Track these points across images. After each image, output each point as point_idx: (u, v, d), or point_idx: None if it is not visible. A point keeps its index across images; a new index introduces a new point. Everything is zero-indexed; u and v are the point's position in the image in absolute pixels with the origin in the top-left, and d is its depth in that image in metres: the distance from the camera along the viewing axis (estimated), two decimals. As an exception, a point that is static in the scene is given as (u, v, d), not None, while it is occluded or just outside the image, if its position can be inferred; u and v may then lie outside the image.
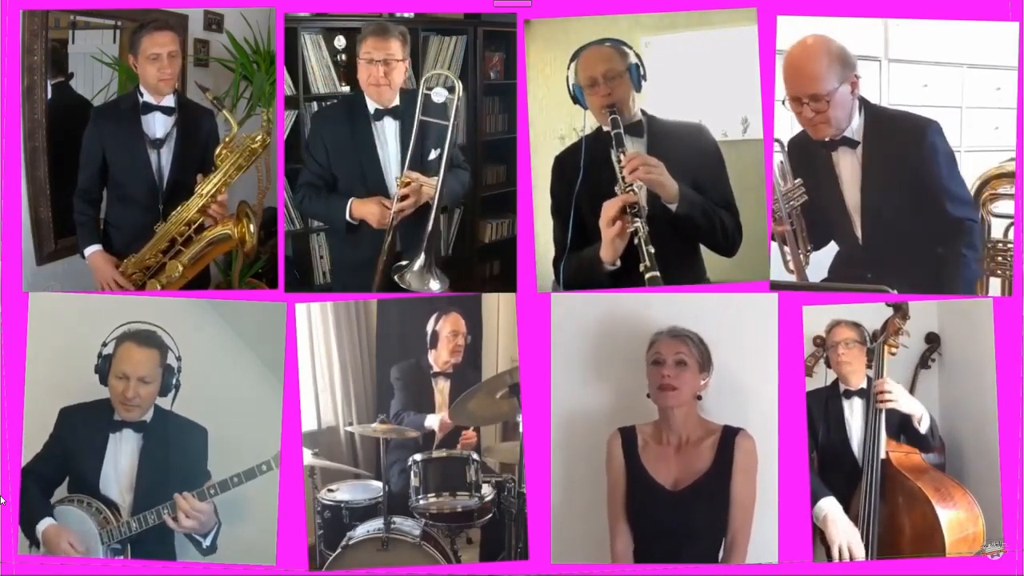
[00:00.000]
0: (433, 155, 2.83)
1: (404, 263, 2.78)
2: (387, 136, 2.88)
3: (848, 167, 2.60)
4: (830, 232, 2.74)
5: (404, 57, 2.85)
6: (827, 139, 2.56)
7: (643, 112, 2.68)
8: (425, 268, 2.75)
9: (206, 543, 2.59)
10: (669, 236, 2.55)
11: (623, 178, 2.50)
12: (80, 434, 2.58)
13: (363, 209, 2.82)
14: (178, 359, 2.59)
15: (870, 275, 2.64)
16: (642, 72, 2.61)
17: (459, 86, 2.80)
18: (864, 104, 2.56)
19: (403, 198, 2.75)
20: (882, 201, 2.58)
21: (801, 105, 2.47)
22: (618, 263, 2.52)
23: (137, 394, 2.55)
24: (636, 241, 2.44)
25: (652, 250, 2.42)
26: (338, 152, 2.87)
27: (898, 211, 2.56)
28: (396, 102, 2.88)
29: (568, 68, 2.63)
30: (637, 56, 2.61)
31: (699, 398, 2.51)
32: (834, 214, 2.67)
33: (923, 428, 2.67)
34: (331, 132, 2.88)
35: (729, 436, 2.49)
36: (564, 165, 2.70)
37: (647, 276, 2.41)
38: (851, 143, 2.55)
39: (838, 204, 2.65)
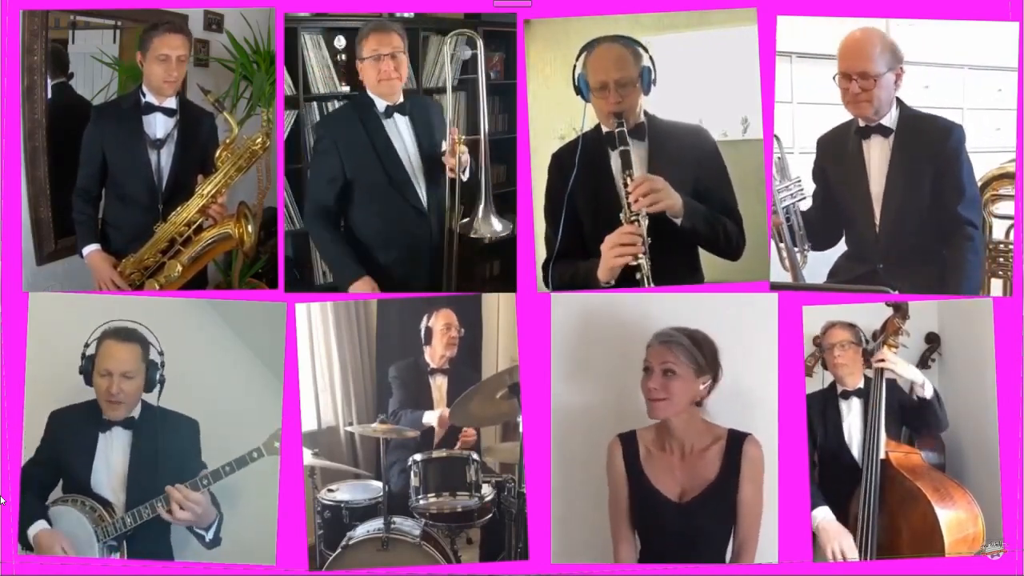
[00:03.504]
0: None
1: (465, 219, 2.81)
2: (401, 132, 2.88)
3: (878, 155, 2.69)
4: (842, 229, 2.78)
5: (405, 51, 2.85)
6: (867, 122, 2.68)
7: (645, 113, 2.67)
8: (486, 212, 2.78)
9: (209, 536, 2.58)
10: (670, 244, 2.55)
11: (629, 205, 2.49)
12: (70, 435, 2.58)
13: (362, 287, 2.77)
14: (160, 354, 2.58)
15: (882, 265, 2.69)
16: (653, 76, 2.58)
17: (479, 38, 2.87)
18: (900, 103, 2.67)
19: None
20: (905, 190, 2.66)
21: (850, 81, 2.62)
22: (613, 281, 2.54)
23: (121, 389, 2.54)
24: (639, 276, 2.45)
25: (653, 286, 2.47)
26: (355, 156, 2.83)
27: (917, 202, 2.65)
28: (401, 98, 2.88)
29: (577, 59, 2.59)
30: (650, 59, 2.58)
31: (699, 404, 2.44)
32: (855, 203, 2.72)
33: (928, 393, 2.65)
34: (345, 137, 2.84)
35: (735, 442, 2.43)
36: (561, 163, 2.68)
37: None
38: (885, 131, 2.68)
39: (862, 193, 2.71)
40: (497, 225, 2.82)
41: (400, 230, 2.87)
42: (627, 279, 2.52)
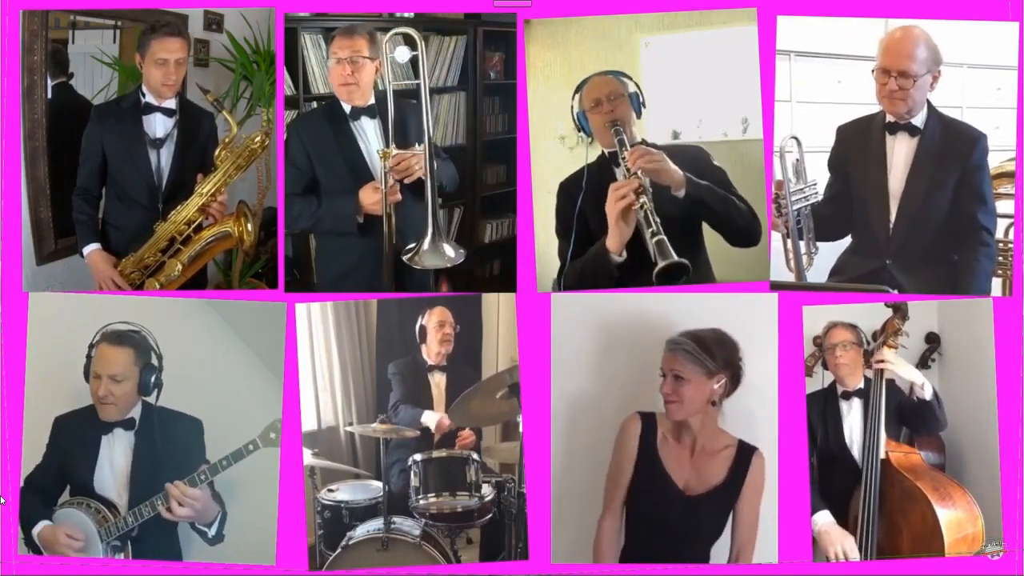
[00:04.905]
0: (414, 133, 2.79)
1: (412, 246, 2.69)
2: (367, 134, 2.85)
3: (902, 152, 2.70)
4: (851, 223, 2.77)
5: (373, 56, 2.80)
6: (897, 119, 2.68)
7: (644, 141, 2.66)
8: (435, 242, 2.67)
9: (211, 532, 2.58)
10: (676, 235, 2.53)
11: (627, 169, 2.51)
12: (74, 440, 2.58)
13: (364, 198, 2.75)
14: (159, 357, 2.57)
15: (891, 262, 2.69)
16: (641, 100, 2.64)
17: (418, 38, 2.72)
18: (929, 104, 2.68)
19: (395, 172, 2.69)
20: (926, 191, 2.67)
21: (888, 77, 2.62)
22: (624, 254, 2.52)
23: (109, 392, 2.54)
24: (642, 213, 2.44)
25: (659, 219, 2.42)
26: (321, 155, 2.83)
27: (937, 204, 2.66)
28: (371, 101, 2.85)
29: (572, 99, 2.65)
30: (637, 86, 2.64)
31: (714, 404, 2.47)
32: (871, 197, 2.72)
33: (927, 394, 2.66)
34: (311, 136, 2.84)
35: (745, 454, 2.50)
36: (569, 189, 2.70)
37: (655, 240, 2.40)
38: (913, 130, 2.68)
39: (880, 187, 2.71)
40: (449, 252, 2.67)
41: (371, 229, 2.82)
42: (635, 267, 2.51)
